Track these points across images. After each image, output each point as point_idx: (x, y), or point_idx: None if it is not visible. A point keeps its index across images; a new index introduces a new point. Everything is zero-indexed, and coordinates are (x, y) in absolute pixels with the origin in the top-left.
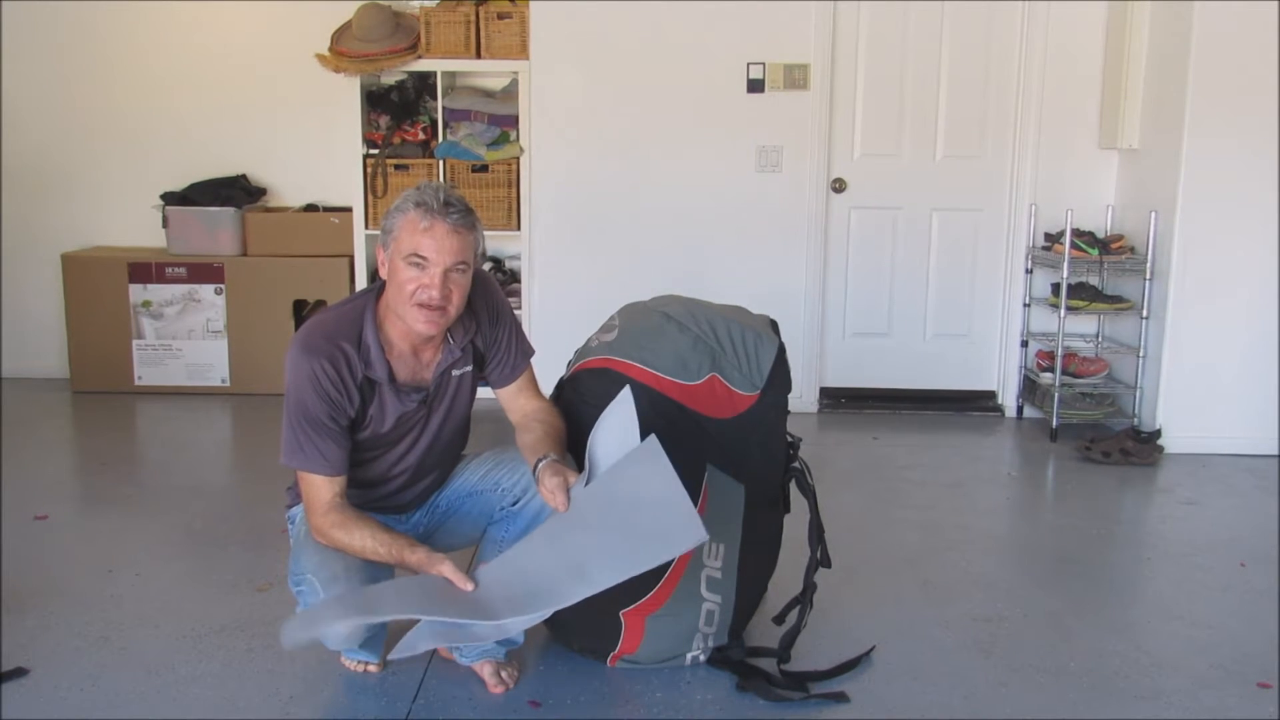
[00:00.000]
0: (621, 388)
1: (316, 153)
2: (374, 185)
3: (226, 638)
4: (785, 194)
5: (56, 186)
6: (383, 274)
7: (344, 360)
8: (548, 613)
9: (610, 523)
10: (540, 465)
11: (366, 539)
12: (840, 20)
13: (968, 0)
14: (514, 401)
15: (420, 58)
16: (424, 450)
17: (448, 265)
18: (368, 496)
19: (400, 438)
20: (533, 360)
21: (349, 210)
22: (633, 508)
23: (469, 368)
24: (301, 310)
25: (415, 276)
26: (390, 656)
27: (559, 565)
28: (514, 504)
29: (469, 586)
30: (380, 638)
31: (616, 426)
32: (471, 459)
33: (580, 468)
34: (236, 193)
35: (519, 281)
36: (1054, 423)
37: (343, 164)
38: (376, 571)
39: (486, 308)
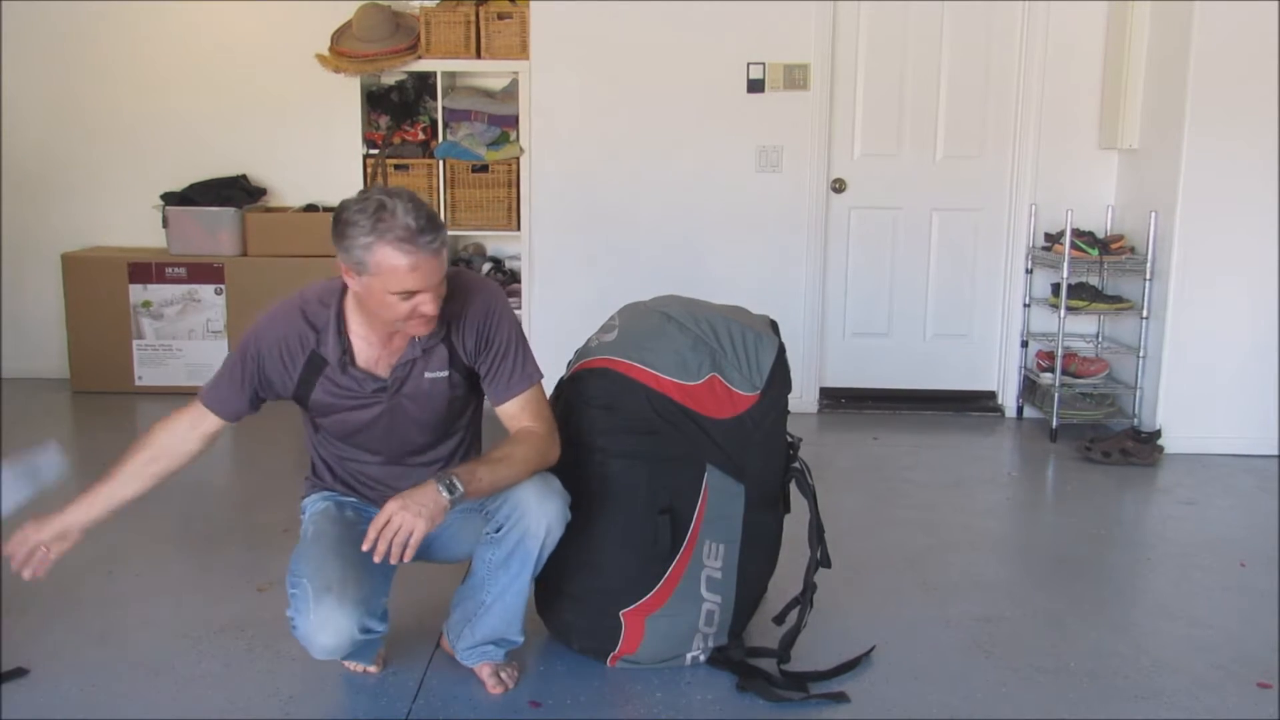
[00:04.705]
0: (622, 387)
1: (316, 153)
2: (374, 185)
3: (226, 638)
4: (785, 194)
5: (56, 186)
6: (351, 285)
7: (302, 338)
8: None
9: None
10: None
11: (123, 464)
12: (840, 20)
13: (968, 0)
14: (512, 424)
15: (420, 58)
16: (392, 459)
17: (435, 285)
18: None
19: (362, 441)
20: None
21: None
22: None
23: (444, 373)
24: None
25: (408, 303)
26: None
27: None
28: (497, 531)
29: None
30: (375, 645)
31: None
32: None
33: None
34: (237, 193)
35: (519, 281)
36: (1054, 423)
37: (343, 164)
38: (374, 585)
39: (478, 322)
